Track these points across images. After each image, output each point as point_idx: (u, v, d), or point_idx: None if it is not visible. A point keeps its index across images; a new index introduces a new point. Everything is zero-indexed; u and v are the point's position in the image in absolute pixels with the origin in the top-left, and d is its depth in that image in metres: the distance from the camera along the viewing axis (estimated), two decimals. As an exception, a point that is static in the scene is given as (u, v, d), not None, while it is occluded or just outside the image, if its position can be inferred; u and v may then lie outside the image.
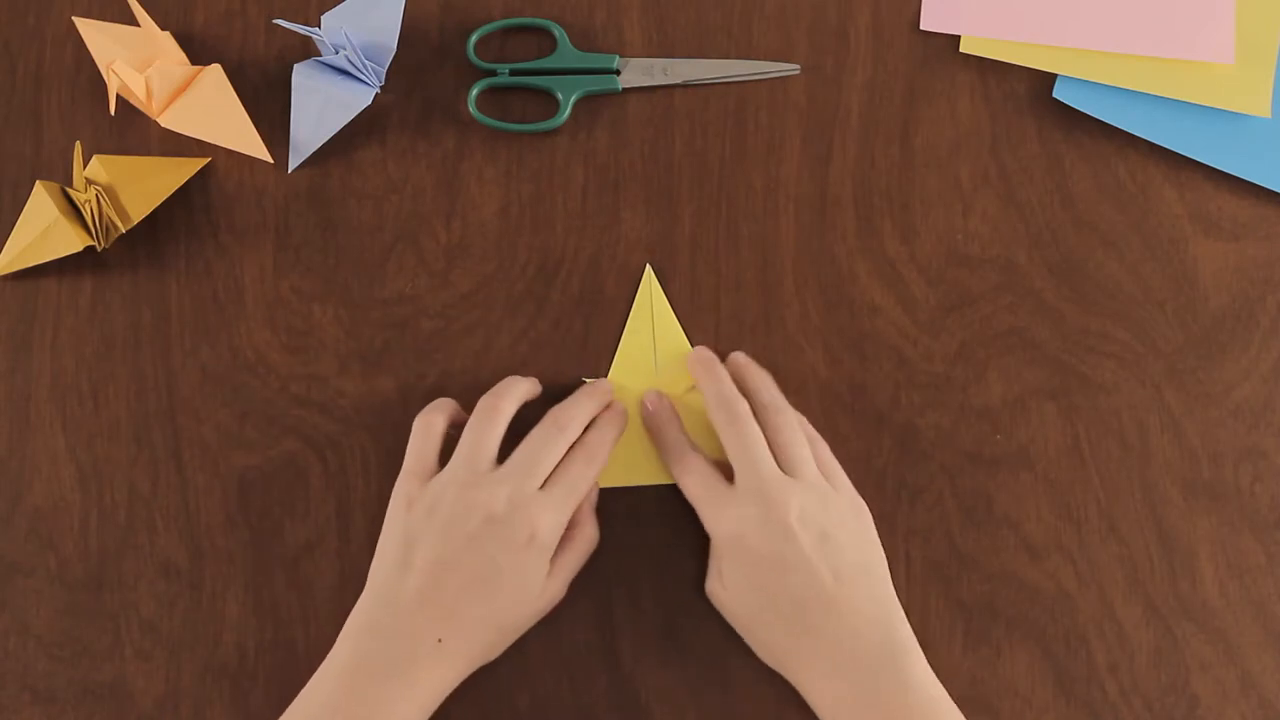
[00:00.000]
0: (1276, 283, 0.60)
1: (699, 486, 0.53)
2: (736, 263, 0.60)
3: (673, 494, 0.57)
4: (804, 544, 0.50)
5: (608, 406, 0.56)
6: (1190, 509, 0.58)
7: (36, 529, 0.58)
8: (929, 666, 0.51)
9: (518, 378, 0.56)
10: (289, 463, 0.58)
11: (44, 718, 0.56)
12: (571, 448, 0.54)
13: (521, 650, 0.56)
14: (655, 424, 0.57)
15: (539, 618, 0.54)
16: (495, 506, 0.50)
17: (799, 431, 0.54)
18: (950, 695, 0.51)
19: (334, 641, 0.52)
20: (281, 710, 0.50)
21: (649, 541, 0.57)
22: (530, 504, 0.51)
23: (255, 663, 0.56)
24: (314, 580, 0.57)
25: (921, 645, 0.54)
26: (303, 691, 0.50)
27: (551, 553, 0.52)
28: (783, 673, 0.53)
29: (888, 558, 0.56)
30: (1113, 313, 0.60)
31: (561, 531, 0.52)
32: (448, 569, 0.50)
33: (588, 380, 0.58)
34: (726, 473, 0.53)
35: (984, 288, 0.60)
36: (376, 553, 0.53)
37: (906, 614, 0.54)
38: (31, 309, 0.60)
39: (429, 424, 0.54)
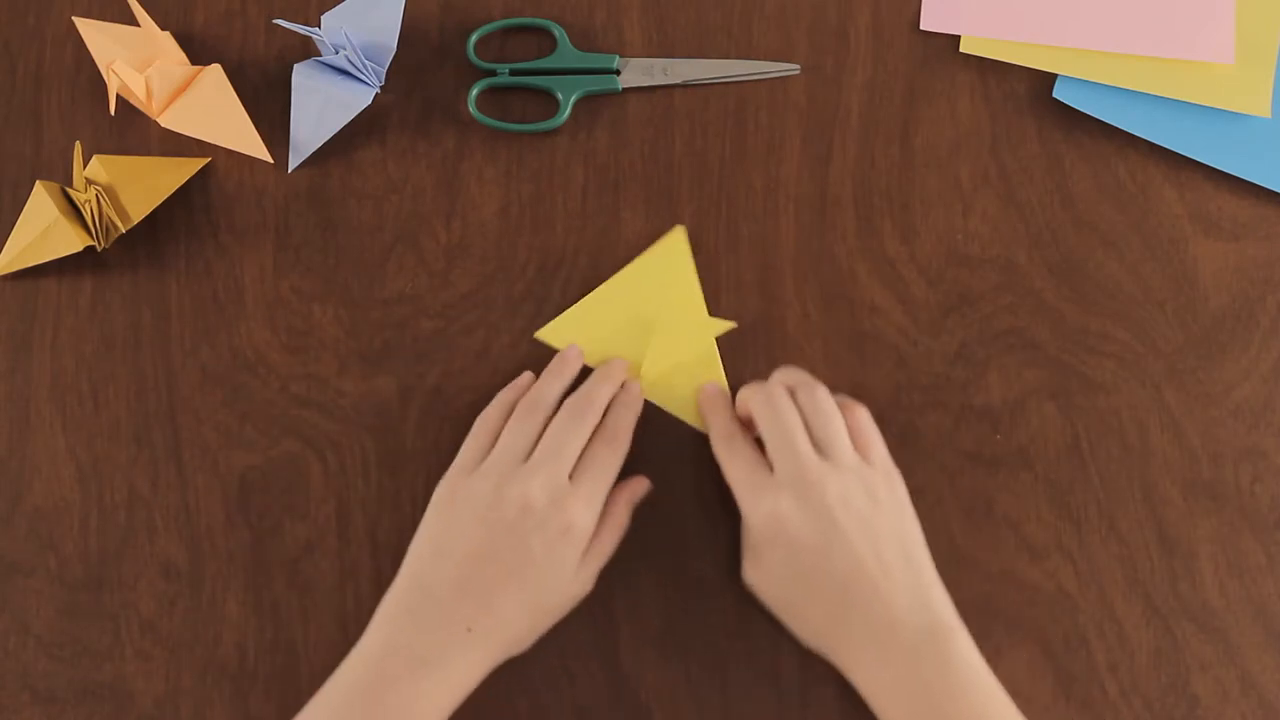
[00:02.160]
0: (1276, 283, 0.60)
1: (741, 471, 0.53)
2: (736, 263, 0.60)
3: (674, 494, 0.57)
4: (845, 527, 0.50)
5: (623, 387, 0.57)
6: (1190, 509, 0.58)
7: (36, 529, 0.58)
8: (972, 643, 0.51)
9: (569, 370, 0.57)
10: (289, 463, 0.58)
11: (44, 718, 0.56)
12: (596, 439, 0.54)
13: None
14: (707, 408, 0.57)
15: (570, 607, 0.54)
16: (532, 498, 0.51)
17: (833, 408, 0.54)
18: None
19: (334, 641, 0.52)
20: (282, 711, 0.51)
21: (649, 541, 0.57)
22: (565, 496, 0.51)
23: (255, 663, 0.56)
24: (314, 580, 0.57)
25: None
26: (333, 675, 0.50)
27: (586, 543, 0.52)
28: (824, 654, 0.53)
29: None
30: (1113, 313, 0.60)
31: (595, 521, 0.53)
32: (485, 560, 0.51)
33: (539, 338, 0.59)
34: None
35: (984, 288, 0.60)
36: (414, 542, 0.53)
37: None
38: (31, 309, 0.60)
39: (485, 422, 0.56)
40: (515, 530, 0.51)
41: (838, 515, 0.50)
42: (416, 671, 0.49)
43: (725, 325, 0.58)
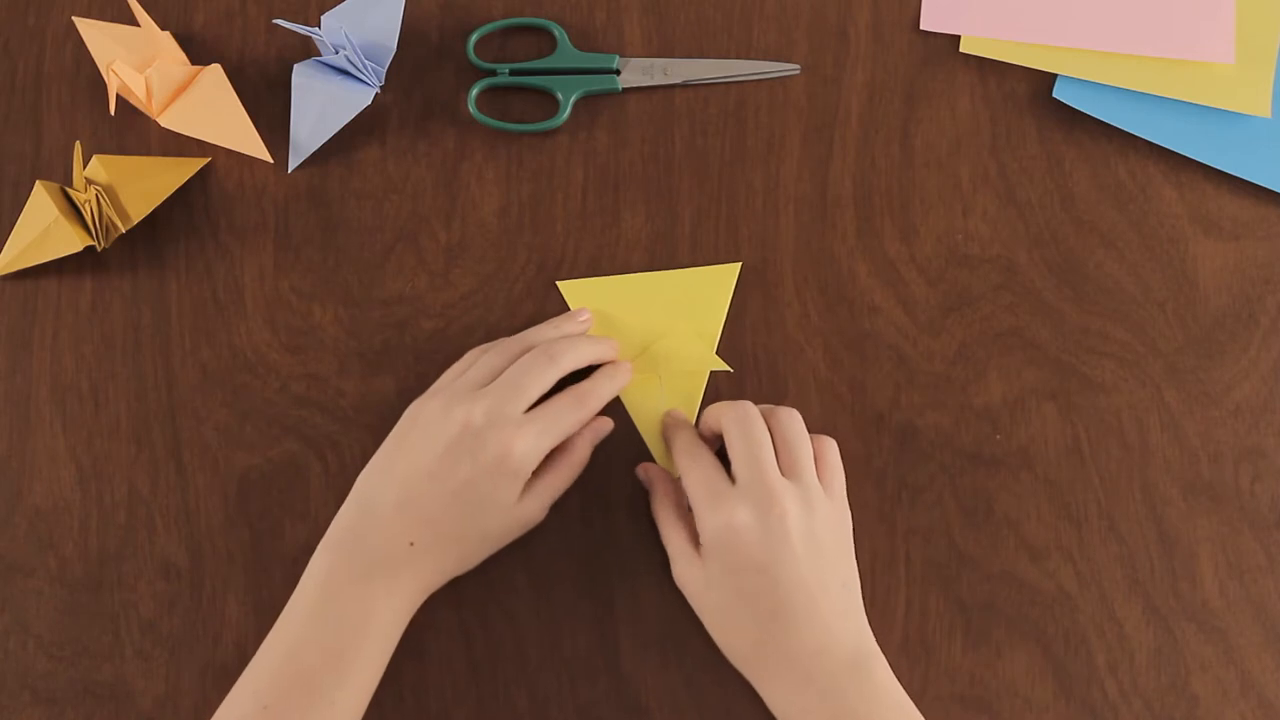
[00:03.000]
0: (1276, 283, 0.60)
1: (701, 478, 0.53)
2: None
3: (673, 494, 0.57)
4: (795, 547, 0.50)
5: (615, 363, 0.57)
6: (1190, 509, 0.58)
7: (36, 529, 0.58)
8: (892, 672, 0.51)
9: (574, 330, 0.57)
10: (289, 463, 0.58)
11: (44, 718, 0.56)
12: (567, 391, 0.54)
13: (521, 650, 0.56)
14: (672, 427, 0.57)
15: (515, 535, 0.54)
16: (473, 419, 0.51)
17: (803, 433, 0.54)
18: (950, 695, 0.51)
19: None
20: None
21: (649, 541, 0.57)
22: (506, 425, 0.51)
23: (255, 663, 0.56)
24: (314, 580, 0.57)
25: (921, 645, 0.55)
26: (287, 604, 0.51)
27: (524, 478, 0.52)
28: (747, 675, 0.53)
29: (887, 558, 0.57)
30: (1113, 313, 0.60)
31: (537, 460, 0.53)
32: (426, 477, 0.51)
33: (559, 285, 0.60)
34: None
35: (984, 288, 0.60)
36: (369, 463, 0.54)
37: (906, 613, 0.54)
38: (31, 309, 0.60)
39: (469, 356, 0.56)
40: (453, 450, 0.51)
41: (791, 534, 0.50)
42: (360, 585, 0.50)
43: (723, 366, 0.58)
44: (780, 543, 0.50)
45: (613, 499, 0.57)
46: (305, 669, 0.49)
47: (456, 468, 0.51)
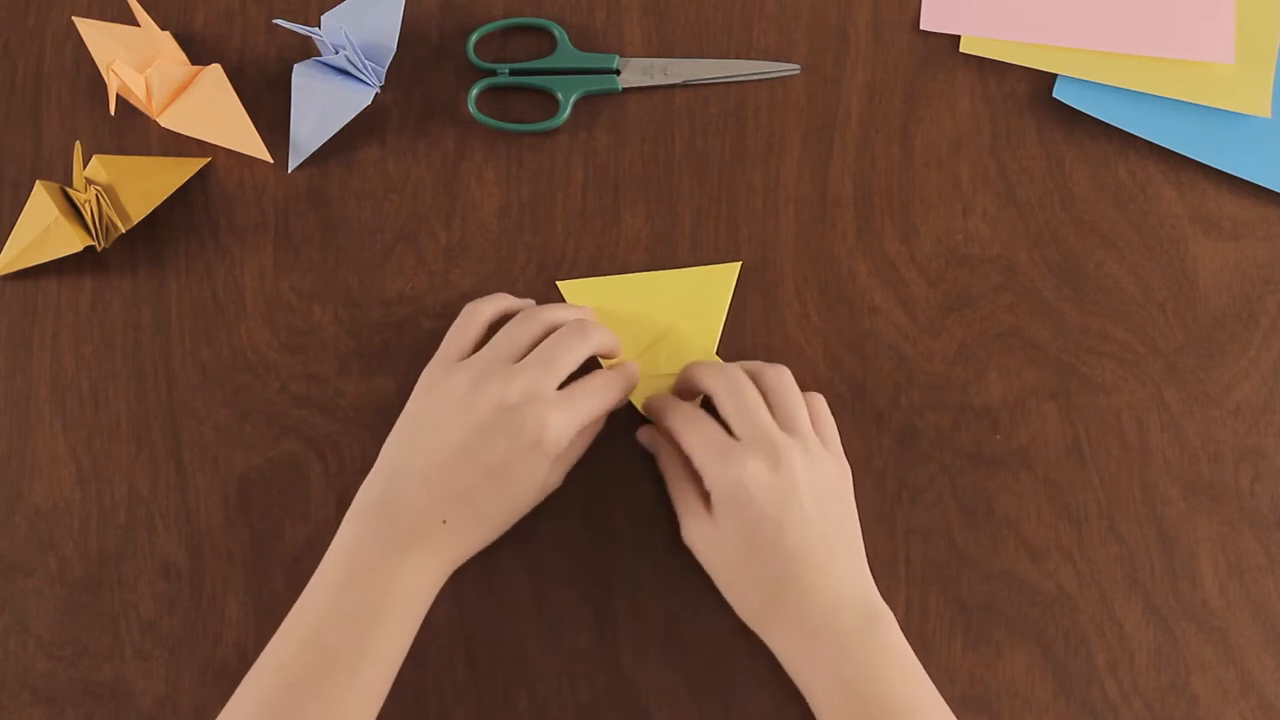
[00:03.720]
0: (1276, 283, 0.60)
1: (704, 436, 0.52)
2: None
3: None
4: (804, 502, 0.50)
5: (624, 364, 0.57)
6: (1190, 509, 0.58)
7: (36, 529, 0.58)
8: (902, 634, 0.51)
9: (586, 316, 0.56)
10: (289, 463, 0.58)
11: (44, 718, 0.56)
12: (598, 373, 0.54)
13: (521, 650, 0.56)
14: (658, 402, 0.56)
15: (538, 502, 0.54)
16: (509, 397, 0.50)
17: (794, 388, 0.54)
18: (950, 695, 0.51)
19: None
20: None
21: (649, 541, 0.57)
22: (543, 401, 0.51)
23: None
24: (314, 580, 0.57)
25: (921, 645, 0.55)
26: (314, 575, 0.50)
27: (559, 454, 0.52)
28: (757, 630, 0.53)
29: (887, 558, 0.57)
30: (1113, 313, 0.60)
31: (571, 437, 0.52)
32: (457, 452, 0.51)
33: (558, 285, 0.59)
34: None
35: (984, 288, 0.60)
36: (393, 431, 0.53)
37: (906, 614, 0.54)
38: (31, 309, 0.60)
39: (474, 313, 0.55)
40: (488, 428, 0.50)
41: (801, 489, 0.50)
42: (389, 560, 0.50)
43: None
44: (789, 495, 0.50)
45: (613, 499, 0.57)
46: (331, 644, 0.48)
47: (492, 444, 0.50)
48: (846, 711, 0.49)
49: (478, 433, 0.50)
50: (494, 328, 0.55)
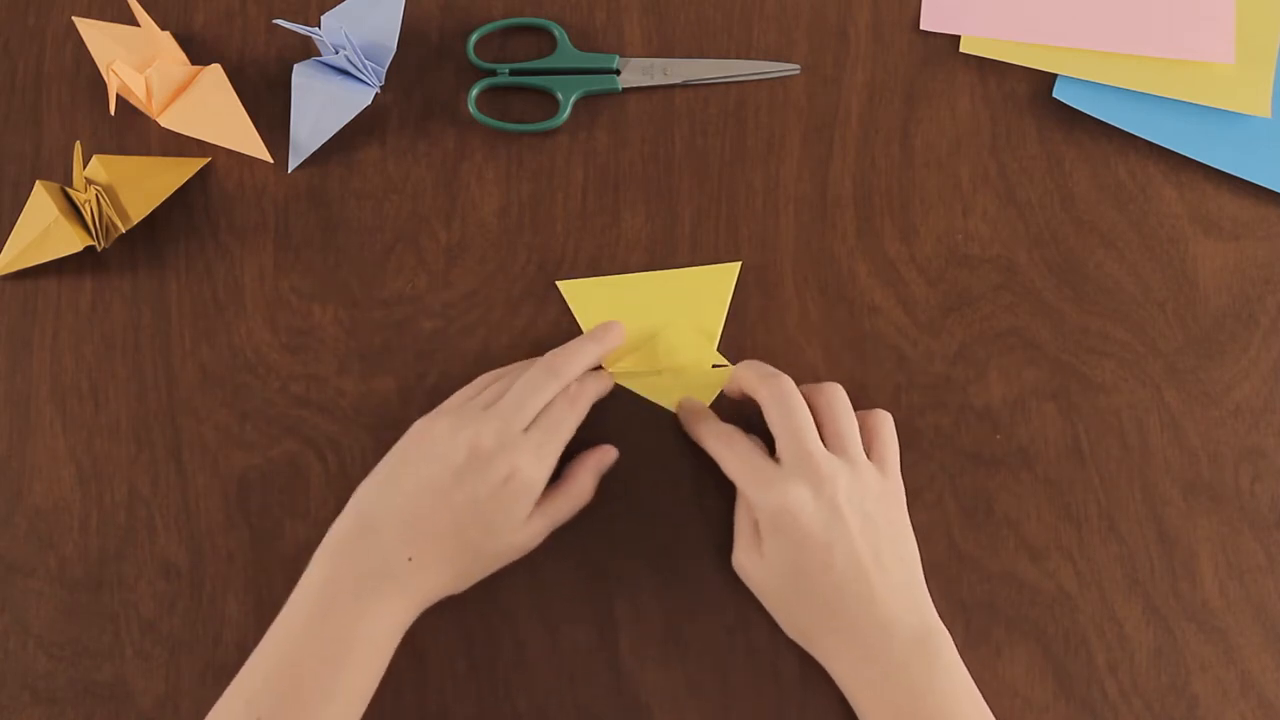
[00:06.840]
0: (1276, 283, 0.60)
1: (745, 463, 0.53)
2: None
3: (673, 493, 0.57)
4: (851, 527, 0.50)
5: (597, 371, 0.57)
6: (1190, 509, 0.58)
7: (36, 529, 0.58)
8: (957, 653, 0.51)
9: (589, 345, 0.56)
10: (289, 463, 0.58)
11: (44, 718, 0.56)
12: (558, 397, 0.54)
13: (521, 650, 0.56)
14: (692, 418, 0.57)
15: (514, 558, 0.54)
16: (481, 442, 0.51)
17: (847, 406, 0.54)
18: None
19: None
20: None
21: (649, 541, 0.57)
22: (514, 444, 0.51)
23: (255, 663, 0.56)
24: (314, 580, 0.57)
25: (921, 645, 0.55)
26: (282, 611, 0.51)
27: (535, 494, 0.52)
28: (809, 649, 0.53)
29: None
30: (1113, 313, 0.60)
31: (546, 475, 0.53)
32: (431, 495, 0.51)
33: (559, 285, 0.59)
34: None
35: (984, 288, 0.60)
36: (371, 473, 0.53)
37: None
38: (31, 309, 0.60)
39: (484, 378, 0.56)
40: (462, 473, 0.51)
41: (845, 512, 0.50)
42: (360, 599, 0.50)
43: (725, 364, 0.58)
44: (834, 520, 0.50)
45: (613, 499, 0.57)
46: (299, 681, 0.49)
47: (464, 487, 0.51)
48: None
49: (452, 477, 0.51)
50: None
